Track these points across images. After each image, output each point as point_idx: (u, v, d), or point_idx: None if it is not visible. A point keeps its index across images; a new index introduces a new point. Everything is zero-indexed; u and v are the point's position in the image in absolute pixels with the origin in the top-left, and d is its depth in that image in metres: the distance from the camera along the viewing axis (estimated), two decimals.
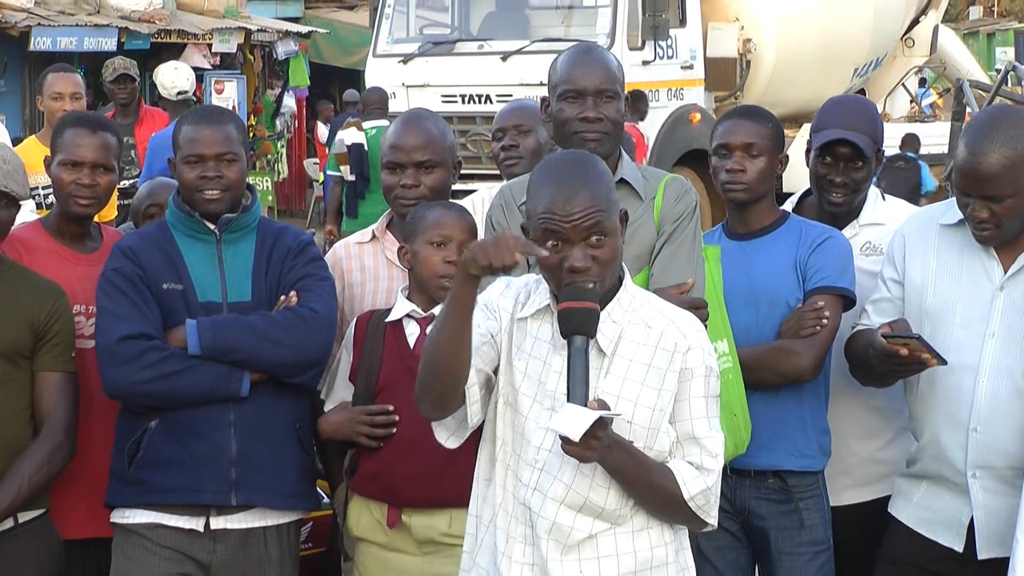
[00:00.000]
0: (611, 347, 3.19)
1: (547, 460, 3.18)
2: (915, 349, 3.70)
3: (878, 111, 4.62)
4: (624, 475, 3.15)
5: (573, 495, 3.17)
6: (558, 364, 3.19)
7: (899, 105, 18.53)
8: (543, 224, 3.14)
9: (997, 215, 3.70)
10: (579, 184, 3.15)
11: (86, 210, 4.27)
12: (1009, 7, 43.44)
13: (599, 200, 3.14)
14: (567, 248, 3.13)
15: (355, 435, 4.02)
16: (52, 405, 3.99)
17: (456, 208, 4.16)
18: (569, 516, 3.17)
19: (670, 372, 3.18)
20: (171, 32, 18.15)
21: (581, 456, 3.04)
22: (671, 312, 3.26)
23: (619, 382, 3.18)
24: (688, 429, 3.21)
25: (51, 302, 4.01)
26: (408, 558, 4.03)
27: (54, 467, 3.98)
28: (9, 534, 3.95)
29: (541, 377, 3.21)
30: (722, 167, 4.26)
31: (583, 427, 2.97)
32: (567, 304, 3.10)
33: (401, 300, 4.08)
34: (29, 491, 3.92)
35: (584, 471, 3.15)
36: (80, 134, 4.28)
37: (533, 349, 3.24)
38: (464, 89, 14.16)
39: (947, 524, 3.86)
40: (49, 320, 3.99)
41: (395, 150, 4.25)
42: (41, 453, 3.95)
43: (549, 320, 3.24)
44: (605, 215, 3.14)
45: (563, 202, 3.12)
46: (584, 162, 3.24)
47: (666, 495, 3.18)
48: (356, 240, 4.43)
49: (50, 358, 4.00)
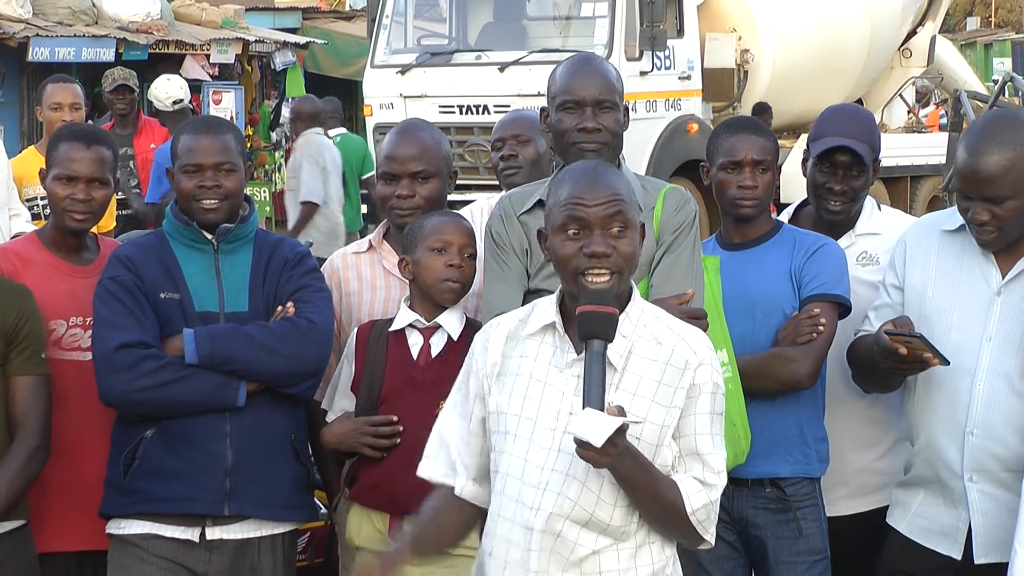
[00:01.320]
0: (622, 362, 3.18)
1: (550, 479, 3.17)
2: (916, 348, 3.70)
3: (875, 120, 4.62)
4: (632, 484, 3.13)
5: (579, 511, 3.16)
6: (560, 383, 3.19)
7: (896, 115, 18.56)
8: (566, 211, 3.16)
9: (999, 218, 3.71)
10: (602, 177, 3.21)
11: (81, 225, 4.25)
12: (1006, 18, 43.55)
13: (621, 192, 3.19)
14: (587, 236, 3.14)
15: (359, 445, 4.02)
16: (26, 409, 3.96)
17: (453, 215, 4.18)
18: (574, 531, 3.16)
19: (679, 389, 3.18)
20: (169, 43, 18.14)
21: (596, 461, 3.03)
22: (680, 328, 3.25)
23: (629, 398, 3.16)
24: (692, 445, 3.20)
25: (18, 305, 3.97)
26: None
27: (32, 472, 3.96)
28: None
29: (543, 398, 3.20)
30: (732, 182, 4.25)
31: (606, 433, 2.95)
32: (587, 307, 3.09)
33: (404, 310, 4.09)
34: (8, 500, 3.90)
35: (590, 486, 3.15)
36: (75, 148, 4.23)
37: (533, 371, 3.23)
38: (462, 100, 14.16)
39: (945, 532, 3.87)
40: (18, 323, 3.96)
41: (390, 160, 4.25)
42: (18, 460, 3.93)
43: (550, 340, 3.24)
44: (627, 207, 3.18)
45: (587, 189, 3.17)
46: (604, 164, 3.32)
47: (669, 507, 3.17)
48: (353, 250, 4.44)
49: (20, 361, 3.97)
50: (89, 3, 17.66)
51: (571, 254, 3.16)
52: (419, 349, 4.03)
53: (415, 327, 4.06)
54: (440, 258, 4.03)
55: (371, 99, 14.71)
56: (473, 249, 4.07)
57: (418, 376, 4.00)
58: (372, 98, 14.69)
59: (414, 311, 4.07)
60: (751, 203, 4.25)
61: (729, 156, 4.25)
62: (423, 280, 4.04)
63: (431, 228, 4.06)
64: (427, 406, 3.93)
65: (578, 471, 3.13)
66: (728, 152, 4.26)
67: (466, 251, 4.05)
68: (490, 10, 15.12)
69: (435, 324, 4.04)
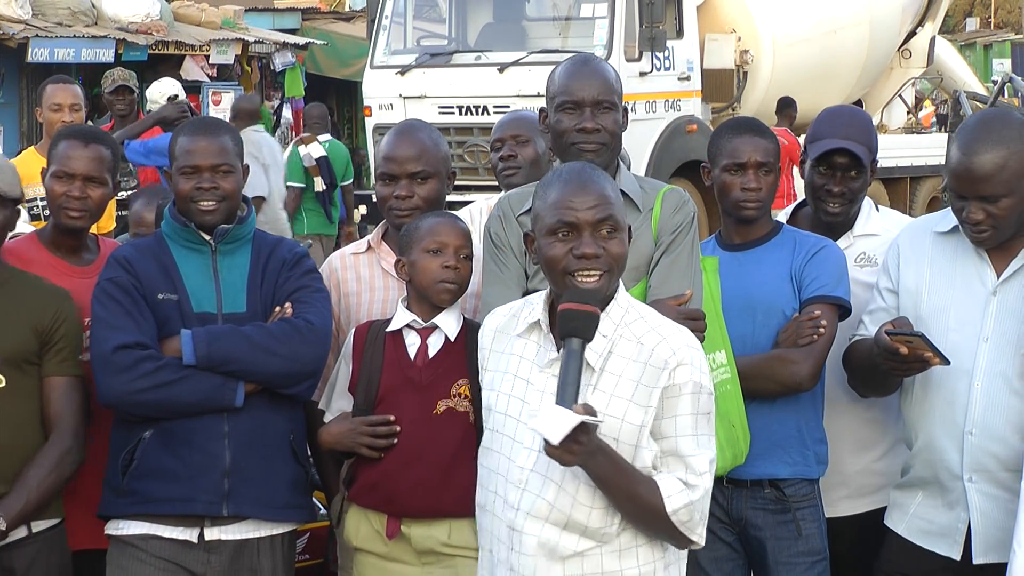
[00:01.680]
0: (600, 362, 3.18)
1: (529, 479, 3.18)
2: (917, 347, 3.71)
3: (872, 121, 4.62)
4: (607, 483, 3.12)
5: (556, 513, 3.16)
6: (540, 382, 3.20)
7: (896, 116, 18.57)
8: (555, 215, 3.16)
9: (993, 216, 3.72)
10: (589, 181, 3.20)
11: (76, 223, 4.27)
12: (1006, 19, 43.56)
13: (609, 196, 3.19)
14: (576, 238, 3.14)
15: (357, 446, 4.02)
16: (60, 410, 4.00)
17: (449, 215, 4.17)
18: (554, 533, 3.16)
19: (655, 389, 3.16)
20: (169, 43, 18.14)
21: (562, 459, 3.02)
22: (665, 328, 3.23)
23: (606, 399, 3.16)
24: (673, 446, 3.18)
25: (55, 307, 4.02)
26: (407, 568, 4.03)
27: (64, 472, 3.99)
28: (22, 543, 3.96)
29: (525, 397, 3.22)
30: (736, 184, 4.24)
31: (564, 430, 2.95)
32: (569, 305, 3.09)
33: (401, 310, 4.08)
34: (39, 498, 3.93)
35: (566, 488, 3.15)
36: (73, 146, 4.28)
37: (519, 369, 3.25)
38: (461, 100, 14.16)
39: (943, 533, 3.87)
40: (54, 325, 4.00)
41: (389, 161, 4.25)
42: (49, 459, 3.96)
43: (536, 338, 3.25)
44: (615, 210, 3.18)
45: (575, 193, 3.17)
46: (591, 167, 3.30)
47: (648, 507, 3.15)
48: (352, 251, 4.43)
49: (56, 362, 4.01)
50: (89, 4, 17.67)
51: (560, 255, 3.16)
52: (416, 349, 4.03)
53: (412, 327, 4.06)
54: (436, 259, 4.03)
55: (370, 100, 14.71)
56: (469, 250, 4.07)
57: (415, 376, 4.00)
58: (371, 99, 14.69)
59: (411, 312, 4.07)
60: (754, 205, 4.25)
61: (732, 158, 4.25)
62: (419, 281, 4.04)
63: (427, 229, 4.06)
64: (425, 406, 3.94)
65: (555, 473, 3.13)
66: (731, 154, 4.25)
67: (462, 252, 4.05)
68: (490, 11, 15.12)
69: (433, 324, 4.04)
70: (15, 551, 3.95)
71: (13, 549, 3.94)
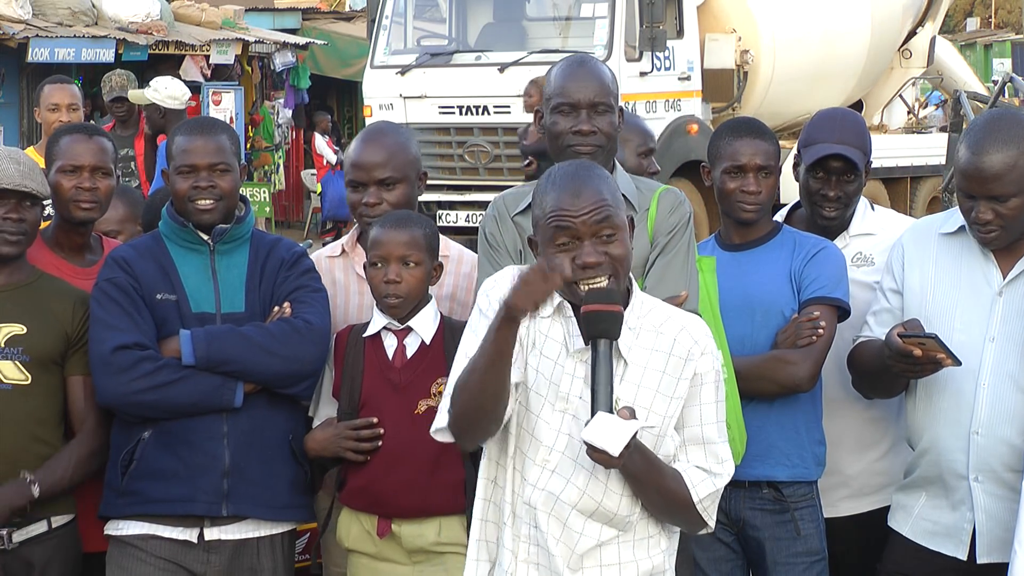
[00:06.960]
0: (628, 354, 3.19)
1: (559, 462, 3.18)
2: (930, 349, 3.71)
3: (865, 123, 4.62)
4: (639, 479, 3.15)
5: (587, 500, 3.17)
6: (570, 367, 3.19)
7: (896, 116, 18.56)
8: (553, 222, 3.14)
9: (1002, 216, 3.73)
10: (585, 182, 3.18)
11: (88, 214, 4.28)
12: (1006, 19, 43.55)
13: (606, 195, 3.17)
14: (577, 246, 3.13)
15: (342, 450, 4.02)
16: (84, 409, 4.03)
17: (396, 223, 4.05)
18: (579, 521, 3.17)
19: (682, 380, 3.19)
20: (169, 43, 18.16)
21: (609, 463, 3.03)
22: (680, 317, 3.27)
23: (634, 389, 3.17)
24: (698, 434, 3.21)
25: (83, 310, 4.04)
26: (399, 567, 4.03)
27: (87, 470, 4.03)
28: (42, 539, 3.98)
29: (553, 378, 3.20)
30: (736, 187, 4.24)
31: (623, 440, 2.95)
32: (592, 307, 3.07)
33: (377, 313, 4.07)
34: (71, 480, 3.98)
35: (599, 476, 3.15)
36: (76, 140, 4.30)
37: (545, 348, 3.22)
38: (461, 100, 14.17)
39: (949, 533, 3.87)
40: (81, 327, 4.03)
41: (356, 168, 4.22)
42: (75, 455, 4.00)
43: (560, 320, 3.23)
44: (614, 210, 3.16)
45: (571, 198, 3.14)
46: (587, 165, 3.28)
47: (676, 498, 3.19)
48: (327, 254, 4.42)
49: (83, 363, 4.03)
50: (89, 4, 17.69)
51: (564, 266, 3.14)
52: (394, 351, 4.02)
53: (389, 329, 4.05)
54: (378, 272, 4.00)
55: (371, 100, 14.71)
56: (419, 255, 3.99)
57: (395, 378, 3.99)
58: (372, 99, 14.69)
59: (386, 314, 4.06)
60: (754, 207, 4.25)
61: (733, 160, 4.24)
62: (372, 292, 4.04)
63: (371, 240, 4.03)
64: (406, 407, 3.95)
65: (586, 460, 3.12)
66: (732, 156, 4.24)
67: (409, 260, 3.98)
68: (490, 11, 15.12)
69: (408, 327, 4.02)
70: (35, 546, 3.97)
71: (33, 544, 3.97)
